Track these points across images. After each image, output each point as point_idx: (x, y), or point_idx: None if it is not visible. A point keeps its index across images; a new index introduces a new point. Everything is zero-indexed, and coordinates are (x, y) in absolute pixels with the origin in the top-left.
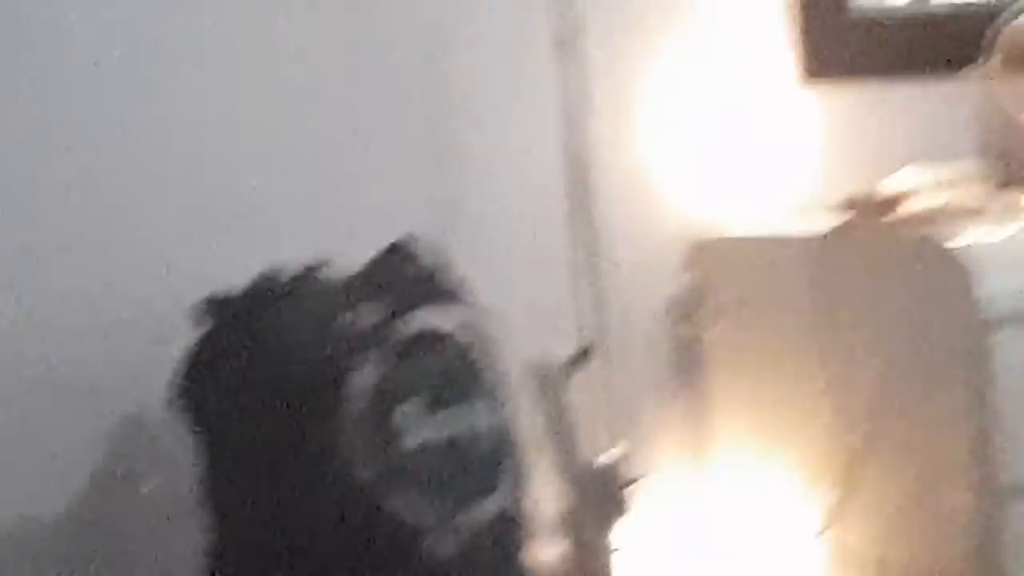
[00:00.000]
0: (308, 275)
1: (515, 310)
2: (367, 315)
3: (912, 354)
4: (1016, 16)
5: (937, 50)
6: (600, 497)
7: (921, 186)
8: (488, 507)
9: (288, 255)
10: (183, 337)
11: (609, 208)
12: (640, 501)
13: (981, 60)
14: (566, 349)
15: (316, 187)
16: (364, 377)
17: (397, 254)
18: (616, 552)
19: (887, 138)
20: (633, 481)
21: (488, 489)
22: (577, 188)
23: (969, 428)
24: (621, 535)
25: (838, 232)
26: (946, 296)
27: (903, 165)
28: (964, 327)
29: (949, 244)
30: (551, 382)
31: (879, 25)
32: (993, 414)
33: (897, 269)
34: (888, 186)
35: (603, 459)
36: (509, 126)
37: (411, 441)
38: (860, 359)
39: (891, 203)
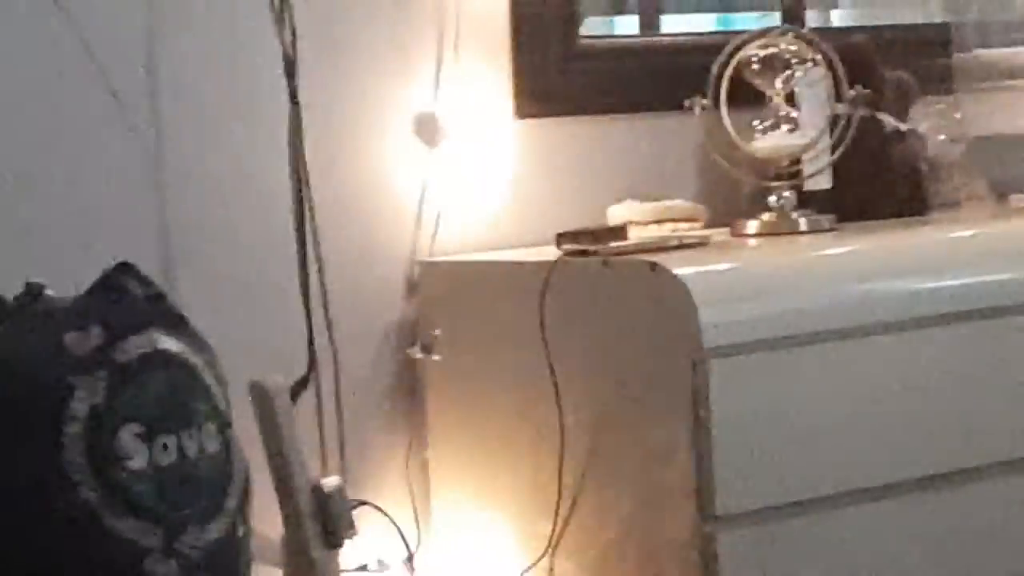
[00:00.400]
0: (29, 297)
1: (239, 333)
2: (89, 338)
3: (632, 383)
4: (738, 50)
5: (662, 82)
6: (323, 521)
7: (644, 218)
8: (211, 530)
9: (9, 278)
10: None
11: (334, 232)
12: (363, 525)
13: (706, 93)
14: (290, 373)
15: (36, 210)
16: (86, 400)
17: (120, 277)
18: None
19: (611, 170)
20: (356, 505)
21: (211, 512)
22: (302, 211)
23: (686, 458)
24: (345, 559)
25: (562, 261)
26: (666, 327)
27: (627, 197)
28: (684, 357)
29: (670, 275)
30: (274, 406)
31: (606, 56)
32: (710, 444)
33: (619, 299)
34: (611, 217)
35: (326, 483)
36: (233, 148)
37: (134, 464)
38: (581, 387)
39: (614, 234)
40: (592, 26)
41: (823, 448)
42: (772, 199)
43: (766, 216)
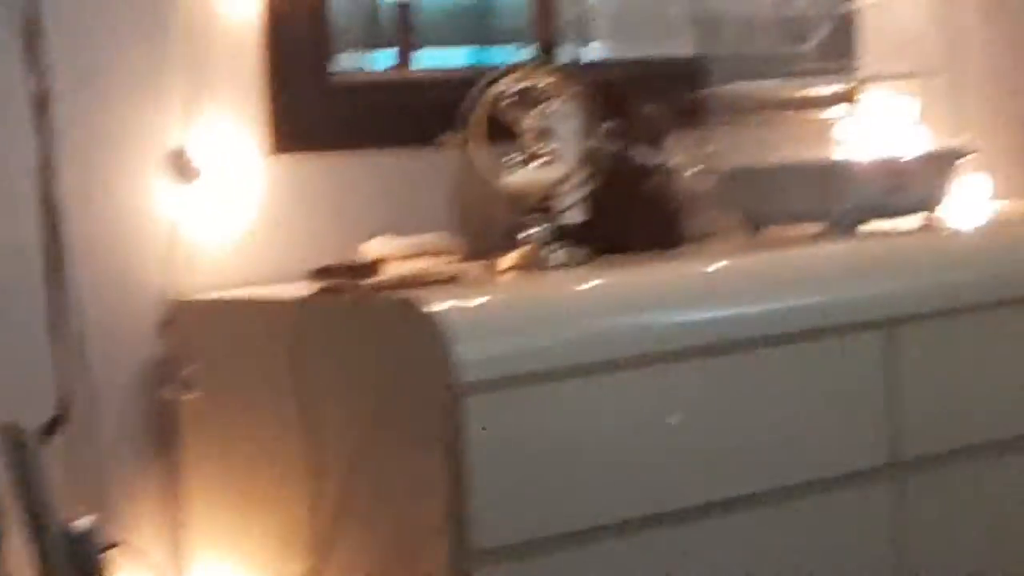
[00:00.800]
0: None
1: None
2: None
3: (388, 420)
4: (492, 84)
5: (417, 117)
6: (75, 563)
7: (397, 253)
8: None
9: None
10: None
11: (87, 269)
12: (119, 566)
13: (460, 127)
14: (41, 413)
15: None
16: None
17: None
18: None
19: (366, 205)
20: (110, 547)
21: None
22: (52, 248)
23: (443, 493)
24: None
25: (316, 297)
26: (421, 362)
27: (380, 232)
28: (439, 393)
29: (424, 310)
30: (25, 446)
31: (359, 92)
32: (466, 479)
33: (374, 335)
34: (366, 253)
35: (79, 525)
36: None
37: None
38: (337, 425)
39: (368, 270)
40: (346, 61)
41: (580, 482)
42: (526, 233)
43: (520, 250)
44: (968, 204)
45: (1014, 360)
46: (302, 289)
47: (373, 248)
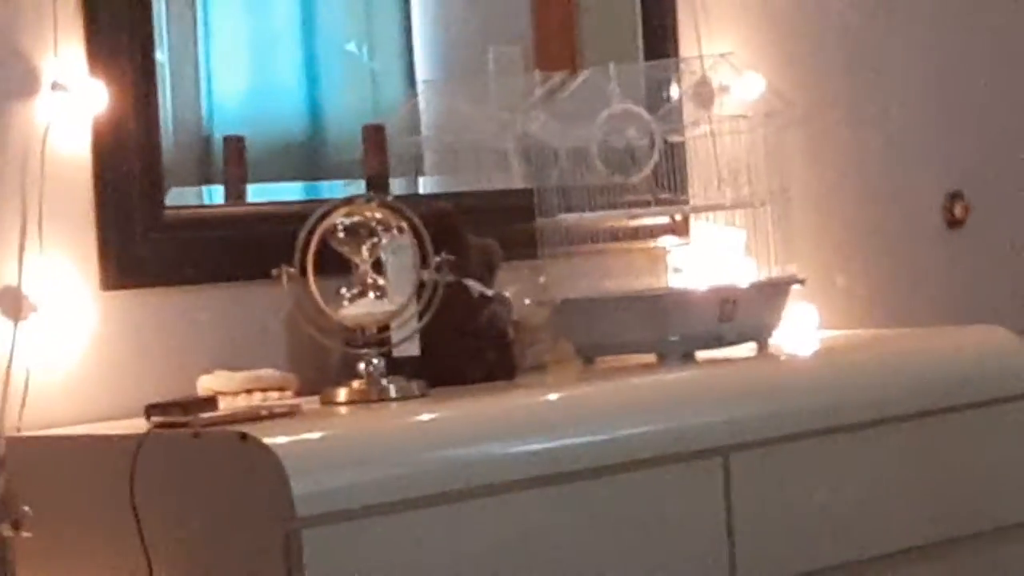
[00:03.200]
0: None
1: None
2: None
3: (228, 556)
4: (324, 218)
5: (250, 251)
6: None
7: (234, 388)
8: None
9: None
10: None
11: None
12: None
13: (293, 261)
14: None
15: None
16: None
17: None
18: None
19: (200, 340)
20: None
21: None
22: None
23: None
24: None
25: (151, 434)
26: (259, 497)
27: (216, 367)
28: (277, 528)
29: (261, 445)
30: None
31: (192, 226)
32: None
33: (210, 471)
34: (201, 388)
35: None
36: None
37: None
38: (176, 562)
39: (204, 405)
40: (178, 196)
41: None
42: (361, 366)
43: (356, 384)
44: (797, 333)
45: (847, 486)
46: (138, 425)
47: (208, 383)
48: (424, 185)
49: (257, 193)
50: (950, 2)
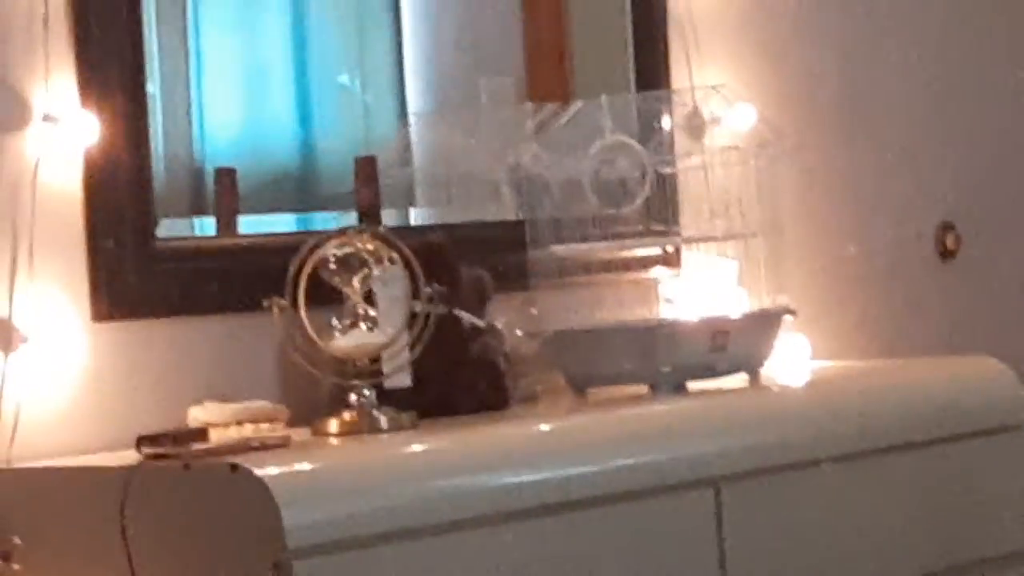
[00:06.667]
0: None
1: None
2: None
3: None
4: (315, 249)
5: (241, 283)
6: None
7: (224, 419)
8: None
9: None
10: None
11: None
12: None
13: (284, 293)
14: None
15: None
16: None
17: None
18: None
19: (191, 371)
20: None
21: None
22: None
23: None
24: None
25: (142, 465)
26: (250, 529)
27: (207, 398)
28: (267, 559)
29: (251, 477)
30: None
31: (184, 257)
32: None
33: (201, 502)
34: (192, 419)
35: None
36: None
37: None
38: None
39: (195, 436)
40: (169, 227)
41: None
42: (353, 398)
43: (347, 415)
44: (789, 364)
45: (839, 518)
46: (129, 457)
47: (199, 415)
48: (416, 217)
49: (249, 225)
50: (944, 33)
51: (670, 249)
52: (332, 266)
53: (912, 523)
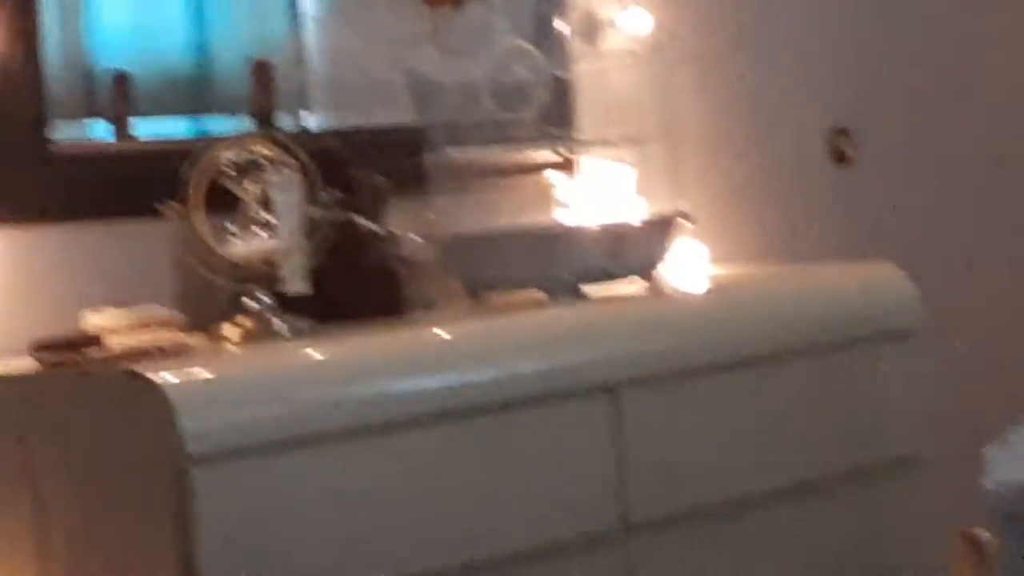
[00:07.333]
0: None
1: None
2: None
3: (118, 496)
4: (210, 155)
5: (136, 188)
6: None
7: (120, 326)
8: None
9: None
10: None
11: None
12: None
13: (179, 198)
14: None
15: None
16: None
17: None
18: None
19: (85, 277)
20: None
21: None
22: None
23: (174, 566)
24: None
25: (39, 372)
26: (148, 436)
27: (102, 305)
28: (167, 466)
29: (149, 383)
30: None
31: (77, 162)
32: (197, 553)
33: (99, 409)
34: (87, 325)
35: None
36: None
37: None
38: (66, 503)
39: (89, 342)
40: (62, 131)
41: (309, 553)
42: (250, 304)
43: (244, 321)
44: (685, 269)
45: (736, 422)
46: (25, 363)
47: (93, 321)
48: (312, 121)
49: (143, 128)
50: None
51: (566, 153)
52: (228, 171)
53: (808, 428)
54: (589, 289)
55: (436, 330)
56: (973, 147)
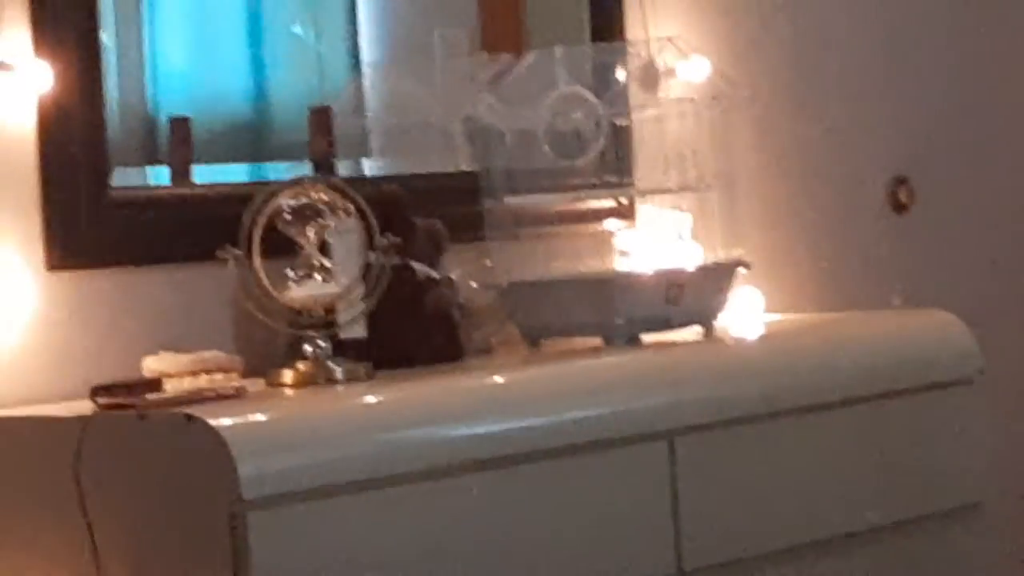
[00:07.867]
0: None
1: None
2: None
3: (173, 539)
4: (270, 199)
5: (195, 233)
6: None
7: (179, 369)
8: None
9: None
10: None
11: None
12: None
13: (239, 243)
14: None
15: None
16: None
17: None
18: None
19: (145, 321)
20: None
21: None
22: None
23: None
24: None
25: (97, 415)
26: (205, 479)
27: (161, 349)
28: (222, 510)
29: (207, 427)
30: None
31: (138, 207)
32: None
33: (156, 453)
34: (146, 369)
35: None
36: None
37: None
38: (121, 546)
39: (149, 386)
40: (123, 177)
41: None
42: (307, 348)
43: (302, 366)
44: (743, 317)
45: (792, 470)
46: (83, 407)
47: (152, 365)
48: (370, 167)
49: (203, 174)
50: None
51: (624, 201)
52: (287, 216)
53: (865, 476)
54: (646, 336)
55: (493, 376)
56: None
